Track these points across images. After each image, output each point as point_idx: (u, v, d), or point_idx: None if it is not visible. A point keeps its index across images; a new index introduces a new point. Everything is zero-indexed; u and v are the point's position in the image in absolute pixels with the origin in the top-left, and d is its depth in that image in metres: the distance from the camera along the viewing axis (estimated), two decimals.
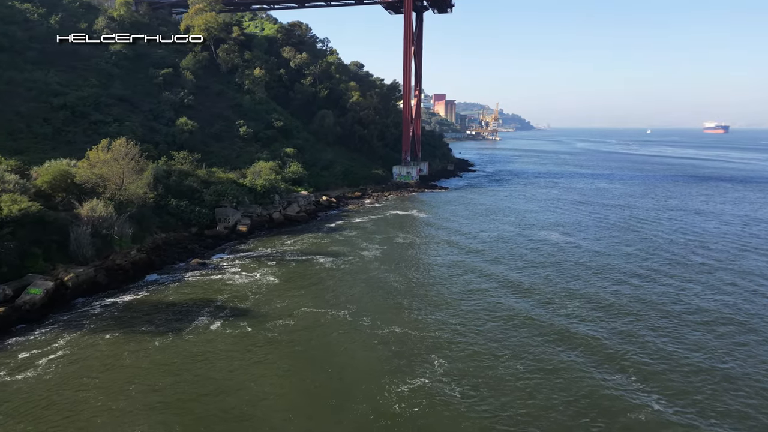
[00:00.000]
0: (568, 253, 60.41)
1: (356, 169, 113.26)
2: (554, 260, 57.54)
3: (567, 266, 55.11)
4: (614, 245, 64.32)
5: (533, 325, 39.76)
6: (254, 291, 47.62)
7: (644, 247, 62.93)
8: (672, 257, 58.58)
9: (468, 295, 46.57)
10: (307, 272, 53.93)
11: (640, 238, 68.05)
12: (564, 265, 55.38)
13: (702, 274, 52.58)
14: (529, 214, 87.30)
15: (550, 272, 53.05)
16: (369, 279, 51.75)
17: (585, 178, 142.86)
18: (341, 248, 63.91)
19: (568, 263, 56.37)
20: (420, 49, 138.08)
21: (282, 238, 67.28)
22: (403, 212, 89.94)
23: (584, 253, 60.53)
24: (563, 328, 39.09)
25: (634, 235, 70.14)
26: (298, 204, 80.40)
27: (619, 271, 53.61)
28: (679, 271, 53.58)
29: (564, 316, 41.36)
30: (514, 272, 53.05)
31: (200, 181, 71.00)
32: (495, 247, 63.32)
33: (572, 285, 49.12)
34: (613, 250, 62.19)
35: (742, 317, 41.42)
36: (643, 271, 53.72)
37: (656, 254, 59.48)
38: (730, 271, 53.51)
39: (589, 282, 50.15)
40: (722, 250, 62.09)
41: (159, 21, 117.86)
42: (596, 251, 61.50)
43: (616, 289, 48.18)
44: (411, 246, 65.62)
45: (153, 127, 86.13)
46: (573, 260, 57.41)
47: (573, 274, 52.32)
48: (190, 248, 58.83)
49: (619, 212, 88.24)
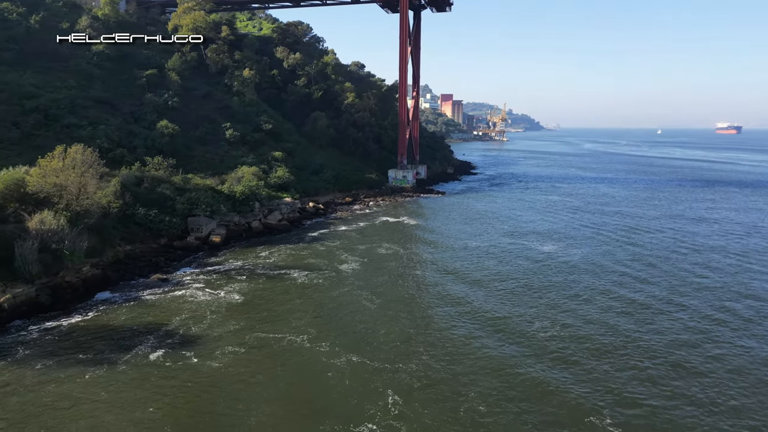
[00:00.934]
0: (556, 272, 56.12)
1: (348, 173, 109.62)
2: (539, 282, 53.21)
3: (552, 289, 50.71)
4: (607, 262, 60.01)
5: (502, 370, 35.90)
6: (213, 311, 44.08)
7: (640, 266, 58.49)
8: (669, 279, 54.07)
9: (439, 324, 42.69)
10: (275, 289, 50.34)
11: (636, 253, 63.69)
12: (549, 288, 50.89)
13: (697, 308, 48.46)
14: (523, 222, 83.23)
15: (531, 299, 48.82)
16: (339, 297, 48.06)
17: (588, 182, 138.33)
18: (319, 261, 60.29)
19: (554, 285, 52.02)
20: (418, 49, 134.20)
21: (257, 250, 63.72)
22: (394, 219, 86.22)
23: (573, 272, 56.33)
24: (539, 377, 35.17)
25: (631, 249, 65.82)
26: (280, 212, 76.85)
27: (608, 296, 49.26)
28: (674, 303, 49.49)
29: (540, 357, 37.47)
30: (493, 300, 48.50)
31: (174, 189, 67.63)
32: (479, 263, 59.08)
33: (554, 315, 45.07)
34: (606, 268, 57.93)
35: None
36: (635, 298, 49.57)
37: (651, 277, 54.60)
38: (731, 300, 49.37)
39: (573, 313, 46.13)
40: (722, 269, 57.59)
41: (147, 20, 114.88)
42: (587, 269, 57.26)
43: (600, 322, 44.19)
44: (392, 258, 61.83)
45: (132, 130, 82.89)
46: (560, 281, 53.02)
47: (556, 301, 48.02)
48: (154, 261, 55.37)
49: (619, 220, 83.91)
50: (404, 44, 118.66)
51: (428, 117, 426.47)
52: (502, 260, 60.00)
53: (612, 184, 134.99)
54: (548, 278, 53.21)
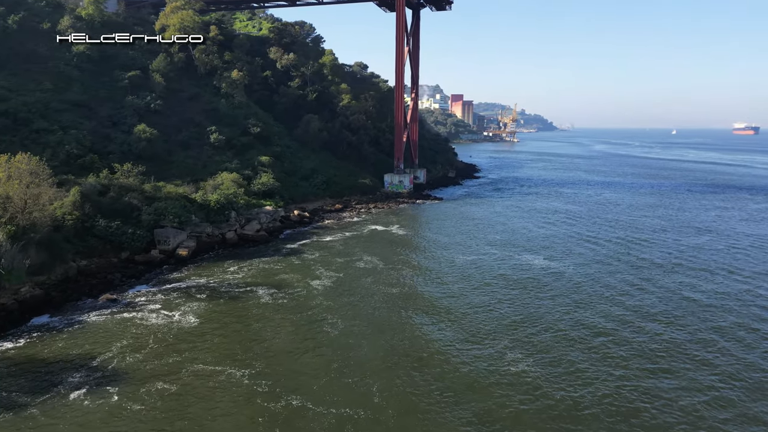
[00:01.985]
0: (544, 292, 51.68)
1: (341, 178, 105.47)
2: (515, 314, 48.67)
3: (527, 325, 46.32)
4: (603, 279, 55.37)
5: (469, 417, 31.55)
6: (158, 338, 40.20)
7: (637, 286, 53.79)
8: (666, 304, 49.46)
9: (400, 361, 38.43)
10: (234, 310, 46.37)
11: (635, 269, 58.85)
12: (525, 323, 46.52)
13: (696, 342, 43.68)
14: (519, 231, 78.59)
15: (512, 328, 44.54)
16: (300, 321, 43.95)
17: (593, 187, 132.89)
18: (291, 276, 56.28)
19: (540, 309, 47.70)
20: (417, 49, 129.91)
21: (226, 264, 59.77)
22: (383, 228, 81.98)
23: (564, 292, 51.80)
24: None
25: (630, 264, 61.02)
26: (259, 221, 72.94)
27: (597, 331, 44.83)
28: (669, 336, 44.76)
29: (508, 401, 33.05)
30: (459, 339, 44.61)
31: (144, 198, 63.93)
32: (459, 286, 54.46)
33: (535, 345, 40.67)
34: (599, 287, 53.32)
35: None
36: (628, 327, 44.94)
37: (648, 301, 49.88)
38: (737, 333, 44.53)
39: (556, 348, 41.62)
40: (727, 293, 52.65)
41: (135, 20, 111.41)
42: (579, 288, 52.78)
43: (584, 354, 39.61)
44: (369, 274, 57.59)
45: (108, 134, 79.50)
46: (547, 306, 48.54)
47: (538, 327, 43.74)
48: (109, 279, 51.57)
49: (621, 230, 78.94)
50: (401, 43, 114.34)
51: (437, 118, 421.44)
52: (483, 282, 55.22)
53: (617, 189, 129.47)
54: (527, 308, 48.26)
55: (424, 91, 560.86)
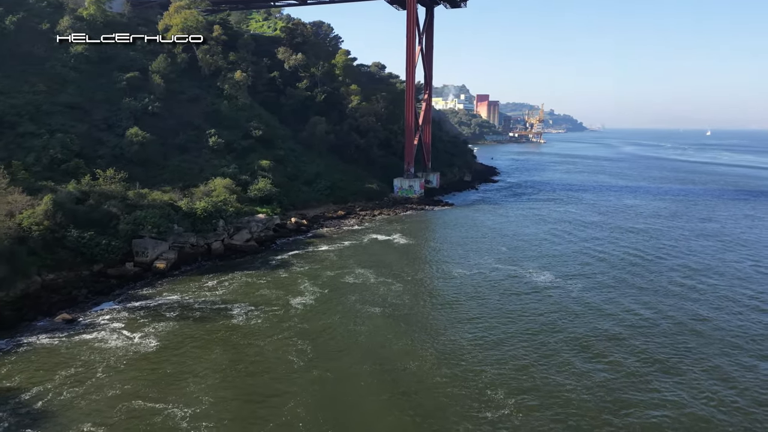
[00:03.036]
0: (544, 319, 46.72)
1: (346, 183, 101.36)
2: (519, 336, 44.03)
3: (529, 348, 41.55)
4: (605, 309, 49.81)
5: None
6: (109, 366, 36.60)
7: (654, 313, 48.38)
8: (672, 349, 44.03)
9: (365, 402, 34.04)
10: (199, 333, 42.59)
11: (644, 295, 53.04)
12: (525, 346, 41.81)
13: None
14: (529, 243, 73.34)
15: (502, 362, 39.81)
16: (267, 347, 39.90)
17: (616, 192, 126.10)
18: (272, 292, 52.35)
19: (533, 341, 42.83)
20: (430, 48, 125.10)
21: (206, 278, 56.09)
22: (384, 237, 77.60)
23: (566, 321, 46.72)
24: None
25: (648, 284, 55.38)
26: (249, 230, 69.22)
27: (603, 368, 39.77)
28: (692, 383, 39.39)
29: None
30: (457, 363, 40.03)
31: (125, 205, 60.70)
32: (452, 306, 49.96)
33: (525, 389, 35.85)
34: (609, 313, 48.06)
35: None
36: (641, 369, 39.75)
37: (652, 342, 44.67)
38: None
39: (552, 390, 36.70)
40: (751, 331, 46.91)
41: (139, 21, 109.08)
42: (577, 317, 47.62)
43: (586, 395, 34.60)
44: (356, 290, 53.28)
45: (100, 138, 76.98)
46: (542, 340, 43.73)
47: (523, 375, 38.89)
48: (73, 295, 48.21)
49: (641, 242, 73.03)
50: (411, 42, 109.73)
51: (461, 118, 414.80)
52: (477, 302, 50.53)
53: (642, 195, 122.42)
54: (524, 336, 43.61)
55: (449, 91, 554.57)
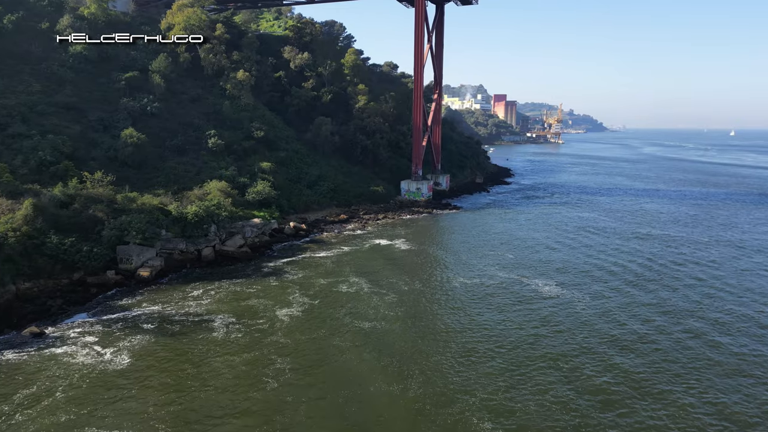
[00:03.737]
0: (534, 345, 43.22)
1: (350, 185, 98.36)
2: (517, 353, 40.63)
3: (521, 371, 38.09)
4: (608, 332, 46.23)
5: None
6: (71, 385, 34.08)
7: (668, 339, 44.61)
8: (701, 374, 40.20)
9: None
10: (175, 348, 39.92)
11: (667, 310, 49.21)
12: (518, 379, 38.38)
13: None
14: (537, 250, 69.59)
15: (488, 388, 36.42)
16: (240, 366, 36.97)
17: (633, 196, 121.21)
18: (259, 303, 49.59)
19: (531, 362, 39.38)
20: (441, 46, 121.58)
21: (191, 287, 53.43)
22: (386, 242, 74.49)
23: (564, 346, 43.13)
24: None
25: (662, 300, 51.43)
26: (243, 235, 66.53)
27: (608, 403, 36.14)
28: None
29: None
30: (442, 390, 36.76)
31: (112, 210, 58.42)
32: (451, 315, 46.98)
33: None
34: (612, 335, 44.36)
35: None
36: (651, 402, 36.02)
37: (679, 360, 41.07)
38: None
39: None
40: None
41: (142, 20, 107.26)
42: (587, 339, 43.98)
43: None
44: (348, 300, 50.34)
45: (94, 139, 74.92)
46: (536, 367, 40.26)
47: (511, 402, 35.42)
48: (47, 306, 45.87)
49: (658, 250, 68.85)
50: (420, 40, 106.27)
51: (478, 119, 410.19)
52: (473, 318, 47.19)
53: (661, 198, 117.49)
54: (516, 364, 40.22)
55: (466, 91, 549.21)
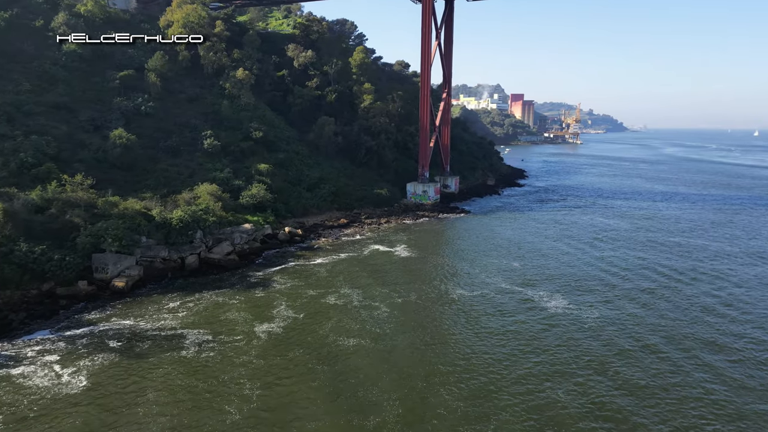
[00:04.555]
0: (542, 373, 38.98)
1: (352, 188, 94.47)
2: (512, 390, 36.47)
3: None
4: (614, 368, 41.81)
5: None
6: (11, 414, 30.83)
7: (686, 360, 40.09)
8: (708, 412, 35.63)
9: None
10: (138, 369, 36.59)
11: (683, 332, 44.72)
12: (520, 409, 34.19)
13: None
14: (546, 258, 65.24)
15: (482, 420, 32.32)
16: (205, 393, 33.41)
17: (651, 199, 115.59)
18: (239, 316, 46.12)
19: (532, 403, 35.17)
20: (450, 43, 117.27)
21: (169, 299, 50.05)
22: (386, 249, 70.65)
23: (571, 376, 38.83)
24: None
25: (677, 318, 46.83)
26: (231, 242, 63.10)
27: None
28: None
29: None
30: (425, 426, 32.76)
31: (90, 215, 55.32)
32: (447, 333, 42.98)
33: None
34: (622, 356, 39.95)
35: None
36: None
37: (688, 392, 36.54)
38: None
39: None
40: None
41: (142, 17, 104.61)
42: (593, 362, 39.61)
43: None
44: (336, 314, 46.70)
45: (82, 140, 72.10)
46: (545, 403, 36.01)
47: None
48: (8, 320, 42.77)
49: (675, 259, 64.04)
50: (427, 36, 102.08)
51: (494, 118, 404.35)
52: (470, 338, 43.12)
53: (680, 201, 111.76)
54: (520, 391, 36.06)
55: (483, 90, 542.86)
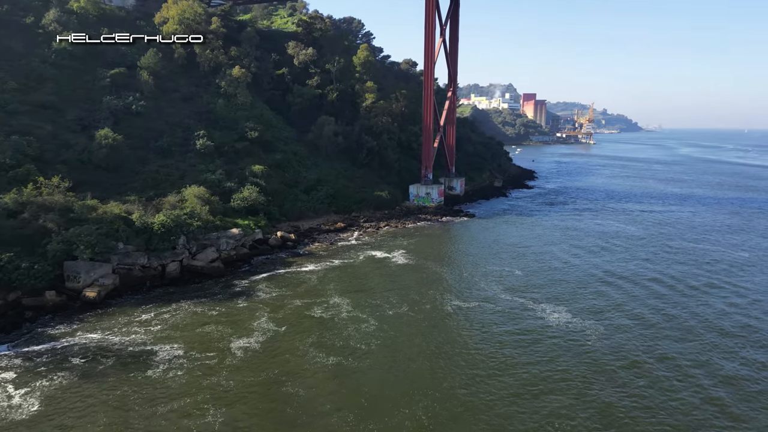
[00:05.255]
0: (537, 397, 35.25)
1: (352, 190, 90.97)
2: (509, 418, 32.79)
3: None
4: (622, 396, 37.92)
5: None
6: None
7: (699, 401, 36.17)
8: None
9: None
10: (97, 390, 33.60)
11: (699, 353, 40.79)
12: None
13: None
14: (551, 266, 61.45)
15: None
16: (162, 419, 30.11)
17: (665, 201, 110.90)
18: (216, 330, 42.98)
19: None
20: (455, 40, 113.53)
21: (143, 310, 46.93)
22: (383, 255, 67.21)
23: (574, 400, 35.06)
24: None
25: (689, 333, 42.88)
26: (217, 248, 59.92)
27: None
28: None
29: None
30: None
31: (66, 220, 52.41)
32: (437, 352, 39.36)
33: None
34: (630, 384, 36.10)
35: None
36: None
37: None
38: None
39: None
40: None
41: (138, 14, 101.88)
42: (585, 382, 35.80)
43: None
44: (320, 328, 43.34)
45: (67, 140, 69.42)
46: None
47: None
48: None
49: (689, 267, 60.04)
50: (430, 32, 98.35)
51: (505, 118, 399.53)
52: (461, 357, 39.51)
53: (695, 205, 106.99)
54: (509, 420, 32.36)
55: (495, 90, 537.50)
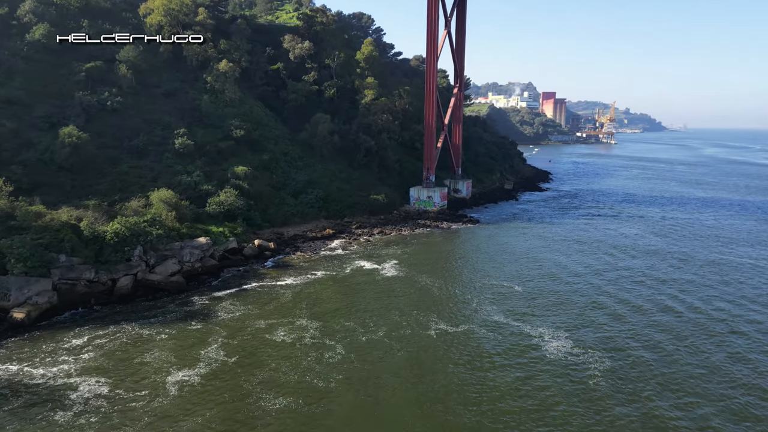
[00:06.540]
0: None
1: (345, 193, 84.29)
2: None
3: None
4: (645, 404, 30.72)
5: None
6: None
7: None
8: None
9: None
10: None
11: (704, 390, 33.45)
12: None
13: None
14: (558, 281, 54.52)
15: None
16: None
17: (687, 206, 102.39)
18: (156, 359, 36.92)
19: None
20: (461, 34, 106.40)
21: (75, 334, 40.86)
22: (372, 266, 60.71)
23: None
24: None
25: (706, 368, 35.51)
26: (179, 259, 53.74)
27: None
28: None
29: None
30: None
31: (5, 228, 46.67)
32: (411, 389, 32.52)
33: None
34: None
35: None
36: None
37: None
38: None
39: None
40: None
41: (124, 5, 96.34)
42: None
43: None
44: (277, 357, 36.84)
45: (30, 139, 63.99)
46: None
47: None
48: None
49: (712, 285, 52.25)
50: (433, 24, 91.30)
51: (524, 117, 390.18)
52: (439, 398, 32.64)
53: (720, 209, 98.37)
54: None
55: (514, 88, 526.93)
